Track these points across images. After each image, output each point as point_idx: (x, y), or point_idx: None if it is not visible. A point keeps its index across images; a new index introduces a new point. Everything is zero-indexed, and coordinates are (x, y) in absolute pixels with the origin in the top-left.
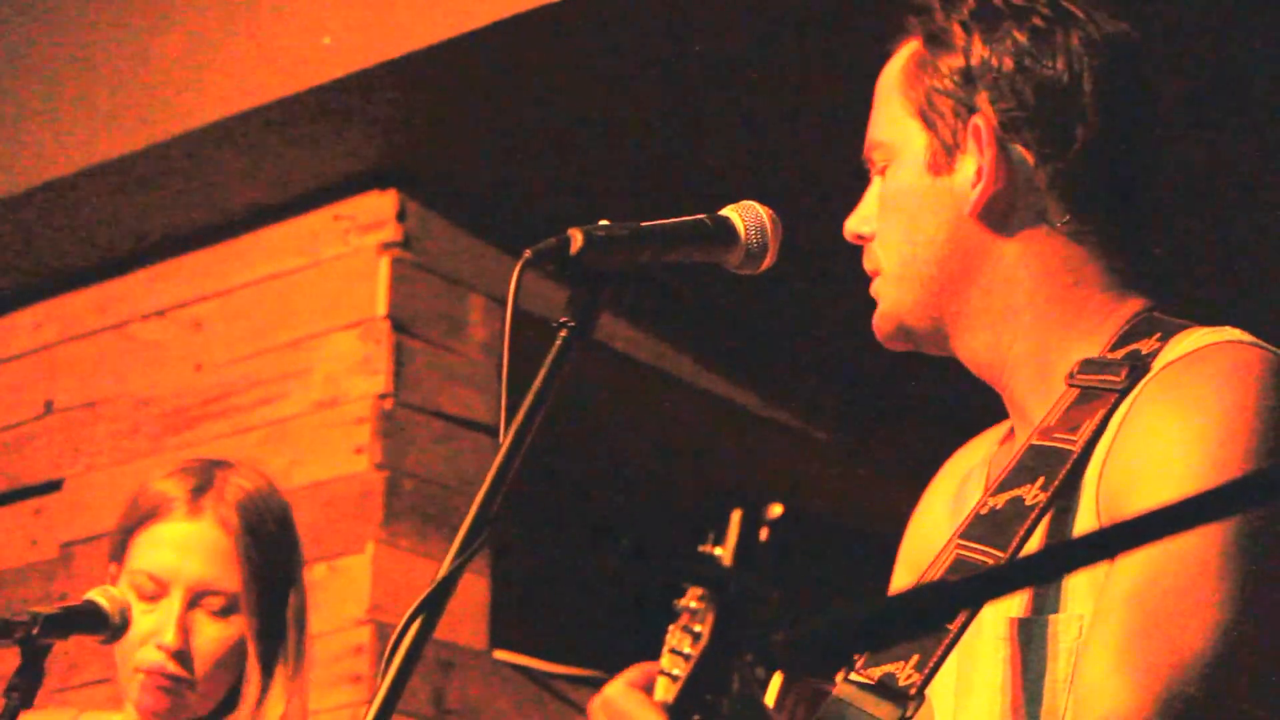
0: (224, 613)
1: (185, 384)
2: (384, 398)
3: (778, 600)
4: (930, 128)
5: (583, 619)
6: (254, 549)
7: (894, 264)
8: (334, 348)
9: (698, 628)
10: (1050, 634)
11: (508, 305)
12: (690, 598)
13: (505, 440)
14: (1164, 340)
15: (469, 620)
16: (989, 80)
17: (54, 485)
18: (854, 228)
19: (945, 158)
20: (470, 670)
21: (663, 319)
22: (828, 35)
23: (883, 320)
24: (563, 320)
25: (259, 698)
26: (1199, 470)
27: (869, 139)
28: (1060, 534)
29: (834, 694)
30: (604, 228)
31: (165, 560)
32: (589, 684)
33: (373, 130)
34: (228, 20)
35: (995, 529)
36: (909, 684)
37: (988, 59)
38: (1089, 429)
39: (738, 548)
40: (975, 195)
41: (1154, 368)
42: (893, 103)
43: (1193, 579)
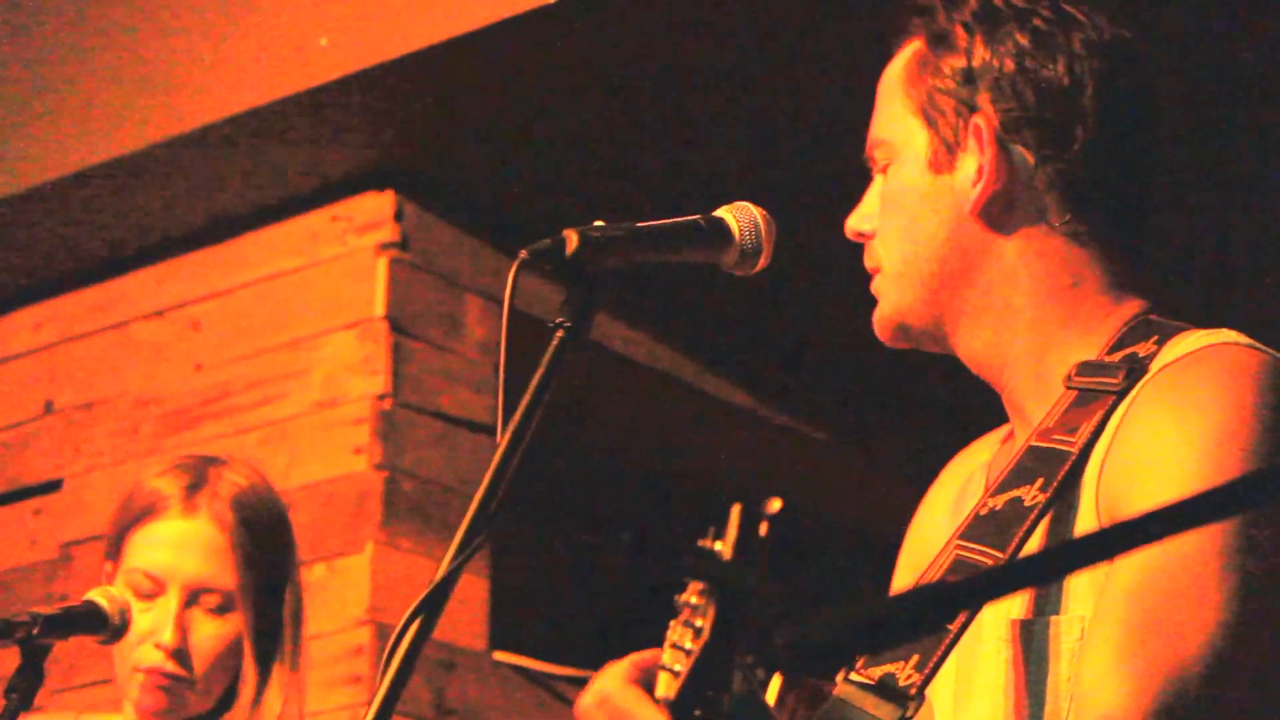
0: (221, 610)
1: (185, 384)
2: (383, 398)
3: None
4: (931, 126)
5: (583, 619)
6: (249, 545)
7: (894, 261)
8: (332, 348)
9: (699, 622)
10: (1052, 635)
11: (504, 306)
12: (691, 593)
13: (503, 440)
14: (1161, 343)
15: (469, 621)
16: (990, 81)
17: (54, 485)
18: (855, 225)
19: (946, 156)
20: (470, 671)
21: (662, 320)
22: (828, 35)
23: (883, 318)
24: (559, 320)
25: (254, 695)
26: (1197, 471)
27: (870, 137)
28: (1060, 535)
29: (834, 694)
30: (599, 228)
31: (162, 558)
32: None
33: (370, 131)
34: (226, 21)
35: (995, 530)
36: (909, 684)
37: (989, 60)
38: (1087, 430)
39: (738, 542)
40: (975, 194)
41: (1151, 370)
42: (895, 101)
43: (1192, 579)
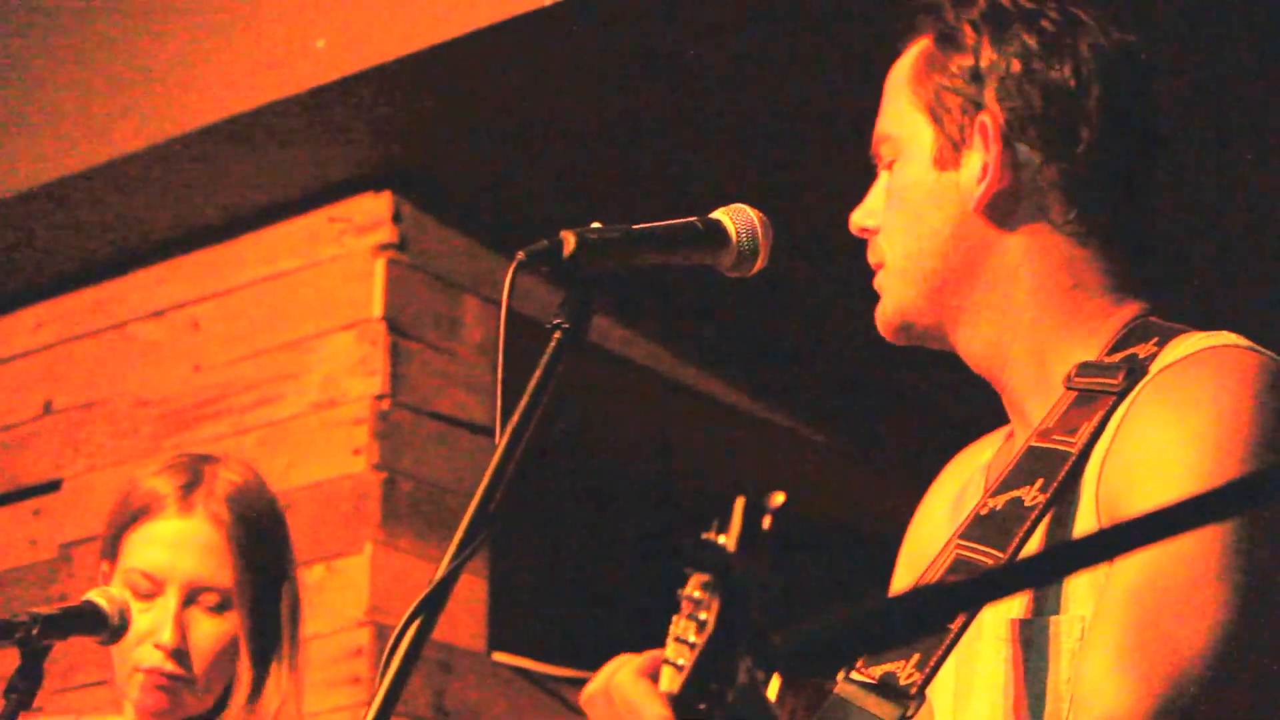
0: (219, 609)
1: (184, 384)
2: (381, 399)
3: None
4: (938, 123)
5: (582, 620)
6: (246, 543)
7: (898, 257)
8: (331, 349)
9: (703, 615)
10: (1051, 635)
11: (502, 307)
12: (694, 586)
13: (501, 441)
14: (1161, 345)
15: (468, 622)
16: (997, 80)
17: (53, 485)
18: (859, 220)
19: (952, 153)
20: (469, 672)
21: (661, 321)
22: (828, 35)
23: (885, 313)
24: (556, 322)
25: (250, 693)
26: (1197, 472)
27: (877, 132)
28: (1060, 535)
29: (835, 693)
30: (596, 230)
31: (159, 558)
32: None
33: (368, 132)
34: (224, 22)
35: (995, 530)
36: (910, 683)
37: (996, 59)
38: (1087, 431)
39: (742, 535)
40: (980, 191)
41: (1151, 371)
42: (901, 98)
43: (1192, 580)
